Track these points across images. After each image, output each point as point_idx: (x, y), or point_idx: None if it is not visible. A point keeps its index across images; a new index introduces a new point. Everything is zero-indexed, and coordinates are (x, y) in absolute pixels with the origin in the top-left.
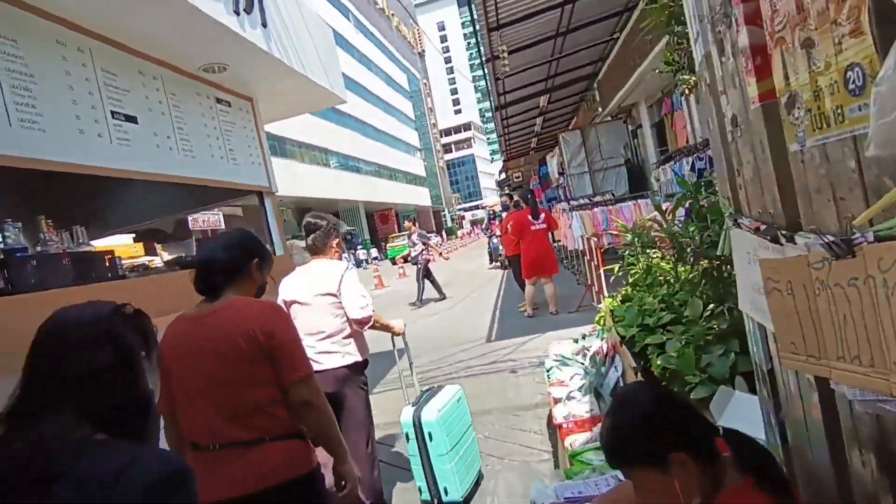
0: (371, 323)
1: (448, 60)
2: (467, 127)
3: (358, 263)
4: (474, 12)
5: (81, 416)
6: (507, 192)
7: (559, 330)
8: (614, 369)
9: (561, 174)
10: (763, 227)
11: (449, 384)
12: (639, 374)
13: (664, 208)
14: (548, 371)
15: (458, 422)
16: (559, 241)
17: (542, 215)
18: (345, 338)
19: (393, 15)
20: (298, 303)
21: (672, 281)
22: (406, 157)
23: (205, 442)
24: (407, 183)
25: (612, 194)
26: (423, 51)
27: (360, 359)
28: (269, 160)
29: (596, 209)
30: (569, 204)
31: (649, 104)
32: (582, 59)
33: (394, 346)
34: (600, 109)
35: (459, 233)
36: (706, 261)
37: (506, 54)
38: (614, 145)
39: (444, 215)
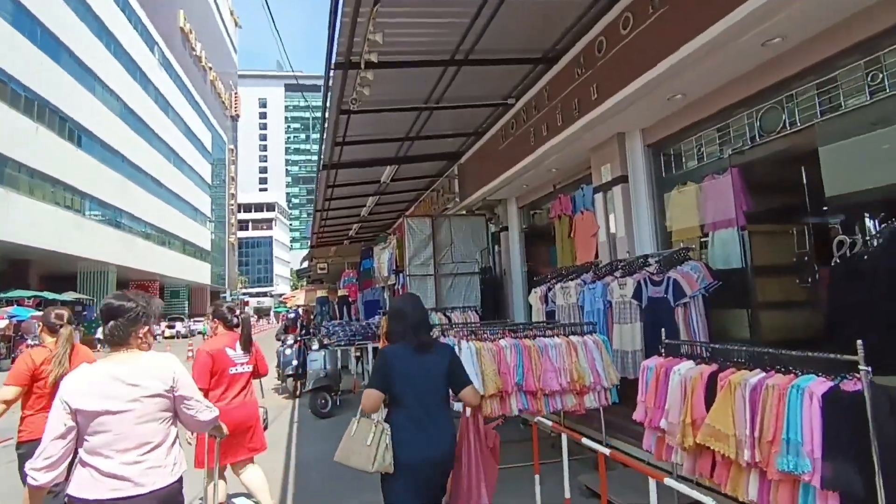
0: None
1: (263, 138)
2: (271, 207)
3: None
4: None
5: None
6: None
7: None
8: None
9: (396, 272)
10: None
11: None
12: None
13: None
14: None
15: None
16: None
17: (253, 349)
18: (171, 445)
19: (211, 69)
20: (110, 412)
21: None
22: (192, 224)
23: None
24: (184, 253)
25: (477, 312)
26: (238, 115)
27: (184, 468)
28: None
29: (503, 341)
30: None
31: (521, 204)
32: (447, 124)
33: None
34: (458, 200)
35: (209, 328)
36: None
37: (374, 56)
38: (470, 248)
39: (225, 297)
